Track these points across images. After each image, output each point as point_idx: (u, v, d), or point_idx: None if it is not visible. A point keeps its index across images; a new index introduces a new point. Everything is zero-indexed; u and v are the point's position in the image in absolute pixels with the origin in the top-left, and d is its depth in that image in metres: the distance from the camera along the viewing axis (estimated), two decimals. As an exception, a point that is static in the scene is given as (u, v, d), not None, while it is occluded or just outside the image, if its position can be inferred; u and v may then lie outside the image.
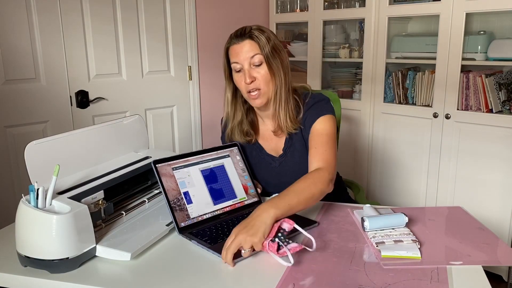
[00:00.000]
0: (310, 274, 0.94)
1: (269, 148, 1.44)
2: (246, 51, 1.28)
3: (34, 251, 0.95)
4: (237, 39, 1.30)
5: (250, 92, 1.31)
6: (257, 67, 1.29)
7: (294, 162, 1.40)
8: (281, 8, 3.05)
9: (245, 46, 1.28)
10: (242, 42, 1.29)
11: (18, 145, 2.10)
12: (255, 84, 1.29)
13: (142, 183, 1.35)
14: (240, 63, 1.29)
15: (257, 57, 1.28)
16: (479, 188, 2.25)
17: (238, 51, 1.29)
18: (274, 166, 1.43)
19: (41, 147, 1.06)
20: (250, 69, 1.29)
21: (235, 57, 1.30)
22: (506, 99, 2.23)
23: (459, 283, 0.90)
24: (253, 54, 1.28)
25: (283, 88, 1.32)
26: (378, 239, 1.07)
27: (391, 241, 1.05)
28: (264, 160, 1.44)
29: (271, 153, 1.44)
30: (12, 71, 2.05)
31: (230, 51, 1.31)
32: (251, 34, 1.29)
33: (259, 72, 1.29)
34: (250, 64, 1.29)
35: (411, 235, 1.08)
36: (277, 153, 1.43)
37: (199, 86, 2.81)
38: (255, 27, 1.31)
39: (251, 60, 1.28)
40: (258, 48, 1.28)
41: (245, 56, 1.28)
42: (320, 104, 1.38)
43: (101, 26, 2.32)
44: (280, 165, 1.42)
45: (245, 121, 1.43)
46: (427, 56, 2.38)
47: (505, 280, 2.23)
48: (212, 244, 1.06)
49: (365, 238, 1.11)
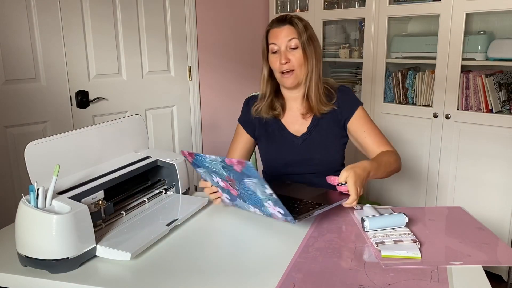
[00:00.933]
0: (310, 274, 0.94)
1: (293, 129, 1.51)
2: (285, 34, 1.41)
3: (34, 251, 0.95)
4: (278, 24, 1.43)
5: (283, 73, 1.43)
6: (293, 50, 1.41)
7: (319, 140, 1.48)
8: (281, 8, 3.05)
9: (284, 30, 1.41)
10: (282, 26, 1.42)
11: (18, 145, 2.10)
12: (289, 65, 1.41)
13: (142, 183, 1.35)
14: (277, 44, 1.42)
15: (294, 41, 1.40)
16: (479, 188, 2.25)
17: (278, 34, 1.42)
18: (297, 143, 1.50)
19: (41, 147, 1.06)
20: (286, 51, 1.41)
21: (274, 39, 1.42)
22: (506, 99, 2.23)
23: (459, 283, 0.90)
24: (291, 38, 1.40)
25: (314, 73, 1.44)
26: (378, 239, 1.07)
27: (391, 241, 1.05)
28: (287, 138, 1.51)
29: (293, 133, 1.51)
30: (12, 71, 2.05)
31: (270, 33, 1.44)
32: (291, 21, 1.42)
33: (294, 55, 1.41)
34: (286, 47, 1.41)
35: (411, 235, 1.08)
36: (300, 133, 1.51)
37: (199, 86, 2.81)
38: (295, 16, 1.44)
39: (288, 43, 1.41)
40: (295, 33, 1.41)
41: (283, 39, 1.41)
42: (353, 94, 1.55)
43: (101, 26, 2.32)
44: (303, 142, 1.49)
45: (274, 99, 1.53)
46: (427, 56, 2.38)
47: (505, 280, 2.23)
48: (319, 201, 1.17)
49: (365, 238, 1.11)
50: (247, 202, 1.16)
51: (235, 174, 1.07)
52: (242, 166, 1.02)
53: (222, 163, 1.07)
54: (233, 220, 1.24)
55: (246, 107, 1.59)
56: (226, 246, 1.09)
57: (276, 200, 1.06)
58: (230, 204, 1.25)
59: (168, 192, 1.38)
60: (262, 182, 1.03)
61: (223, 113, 2.97)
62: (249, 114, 1.56)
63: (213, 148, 2.95)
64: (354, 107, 1.48)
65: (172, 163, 1.34)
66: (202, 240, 1.13)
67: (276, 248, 1.07)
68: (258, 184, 1.04)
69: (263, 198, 1.09)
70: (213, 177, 1.17)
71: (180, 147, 2.79)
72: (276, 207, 1.08)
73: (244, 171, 1.03)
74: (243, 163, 1.01)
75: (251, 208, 1.18)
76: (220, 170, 1.11)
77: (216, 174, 1.15)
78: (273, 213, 1.12)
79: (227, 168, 1.07)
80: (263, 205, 1.12)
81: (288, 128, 1.51)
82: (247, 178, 1.05)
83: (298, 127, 1.51)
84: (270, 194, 1.05)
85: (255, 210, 1.17)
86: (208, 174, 1.18)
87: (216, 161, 1.08)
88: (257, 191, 1.08)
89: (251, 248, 1.08)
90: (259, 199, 1.10)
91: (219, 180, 1.16)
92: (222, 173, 1.11)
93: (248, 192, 1.11)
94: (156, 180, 1.40)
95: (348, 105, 1.49)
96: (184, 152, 1.16)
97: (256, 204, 1.14)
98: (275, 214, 1.12)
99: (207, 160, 1.10)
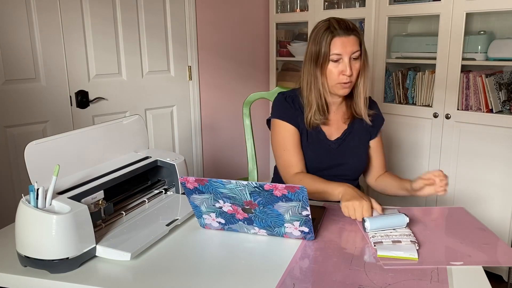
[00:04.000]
0: (310, 274, 0.94)
1: (328, 133, 1.51)
2: (351, 45, 1.36)
3: (34, 251, 0.95)
4: (344, 32, 1.36)
5: (342, 82, 1.38)
6: (354, 61, 1.38)
7: (352, 146, 1.50)
8: (281, 8, 3.05)
9: (351, 40, 1.36)
10: (348, 36, 1.36)
11: (18, 145, 2.10)
12: (351, 76, 1.38)
13: (142, 183, 1.35)
14: (342, 54, 1.36)
15: (358, 52, 1.38)
16: (479, 188, 2.25)
17: (345, 44, 1.36)
18: (332, 147, 1.50)
19: (41, 147, 1.06)
20: (350, 62, 1.37)
21: (340, 49, 1.36)
22: (506, 99, 2.22)
23: (459, 283, 0.90)
24: (357, 50, 1.37)
25: (368, 82, 1.46)
26: (377, 239, 1.07)
27: (389, 241, 1.05)
28: (323, 142, 1.49)
29: (329, 137, 1.50)
30: (12, 71, 2.05)
31: (335, 42, 1.36)
32: (355, 29, 1.38)
33: (354, 65, 1.39)
34: (350, 58, 1.37)
35: (411, 236, 1.07)
36: (334, 137, 1.51)
37: (199, 86, 2.81)
38: (353, 23, 1.40)
39: (352, 54, 1.37)
40: (359, 44, 1.38)
41: (349, 50, 1.36)
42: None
43: (101, 26, 2.32)
44: (338, 147, 1.50)
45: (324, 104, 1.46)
46: (427, 56, 2.38)
47: (505, 280, 2.23)
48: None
49: (365, 238, 1.11)
50: (254, 224, 1.11)
51: (267, 199, 1.03)
52: (293, 190, 0.99)
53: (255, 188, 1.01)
54: (233, 220, 1.24)
55: (286, 103, 1.48)
56: (226, 246, 1.09)
57: (308, 221, 1.05)
58: (217, 228, 1.17)
59: (168, 192, 1.38)
60: (305, 205, 1.01)
61: (223, 113, 2.97)
62: (291, 110, 1.47)
63: (213, 148, 2.95)
64: (381, 123, 1.57)
65: (172, 163, 1.34)
66: (202, 240, 1.12)
67: (276, 248, 1.07)
68: (297, 206, 1.02)
69: (290, 220, 1.07)
70: (216, 203, 1.09)
71: (180, 147, 2.79)
72: (302, 227, 1.07)
73: (290, 195, 1.00)
74: (298, 187, 0.98)
75: (252, 230, 1.14)
76: (240, 196, 1.05)
77: (227, 199, 1.07)
78: (288, 233, 1.11)
79: (258, 193, 1.03)
80: (282, 226, 1.09)
81: (325, 132, 1.50)
82: (284, 201, 1.02)
83: (334, 131, 1.51)
84: (307, 215, 1.04)
85: (260, 231, 1.13)
86: (212, 200, 1.10)
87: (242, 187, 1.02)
88: (287, 213, 1.05)
89: (251, 248, 1.08)
90: (282, 220, 1.07)
91: (225, 205, 1.10)
92: (240, 199, 1.06)
93: (270, 215, 1.07)
94: (156, 180, 1.40)
95: (379, 120, 1.56)
96: (188, 179, 1.06)
97: (269, 226, 1.10)
98: (292, 233, 1.10)
99: (227, 186, 1.03)
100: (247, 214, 1.09)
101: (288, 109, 1.47)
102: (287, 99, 1.49)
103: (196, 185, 1.06)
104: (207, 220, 1.15)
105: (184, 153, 2.77)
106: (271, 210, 1.06)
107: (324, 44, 1.36)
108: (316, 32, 1.40)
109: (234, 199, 1.06)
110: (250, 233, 1.15)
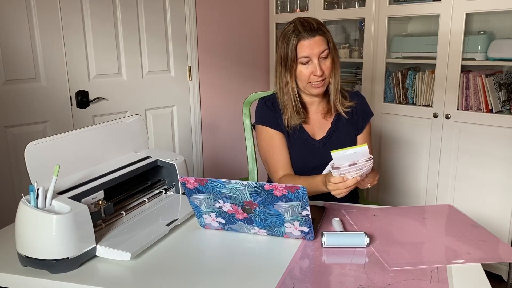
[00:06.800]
0: (310, 274, 0.94)
1: (312, 132, 1.50)
2: (317, 46, 1.37)
3: (34, 251, 0.95)
4: (308, 34, 1.36)
5: (313, 82, 1.40)
6: (324, 60, 1.39)
7: (338, 143, 1.48)
8: (281, 8, 3.05)
9: (316, 41, 1.37)
10: (313, 38, 1.37)
11: (18, 145, 2.10)
12: (323, 75, 1.40)
13: (142, 183, 1.35)
14: (310, 56, 1.37)
15: (326, 51, 1.38)
16: (479, 188, 2.25)
17: (311, 46, 1.37)
18: (317, 147, 1.49)
19: (41, 147, 1.06)
20: (319, 62, 1.38)
21: (306, 51, 1.37)
22: (506, 99, 2.23)
23: (459, 283, 0.90)
24: (324, 49, 1.38)
25: (339, 76, 1.46)
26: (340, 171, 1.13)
27: (346, 166, 1.11)
28: (307, 142, 1.49)
29: (313, 136, 1.50)
30: (12, 71, 2.05)
31: (300, 46, 1.37)
32: (320, 29, 1.38)
33: (325, 64, 1.39)
34: (319, 58, 1.38)
35: (371, 159, 1.11)
36: (319, 136, 1.50)
37: (199, 86, 2.81)
38: (317, 22, 1.40)
39: (320, 54, 1.37)
40: (326, 43, 1.38)
41: (317, 51, 1.37)
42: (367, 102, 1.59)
43: (101, 26, 2.32)
44: (323, 146, 1.49)
45: (299, 105, 1.48)
46: (427, 56, 2.38)
47: (505, 280, 2.23)
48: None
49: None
50: (254, 224, 1.11)
51: (267, 199, 1.03)
52: (293, 190, 0.99)
53: (255, 188, 1.02)
54: (233, 220, 1.24)
55: (266, 108, 1.50)
56: (226, 246, 1.09)
57: (308, 221, 1.06)
58: (217, 228, 1.17)
59: (168, 192, 1.38)
60: (305, 204, 1.01)
61: (223, 113, 2.97)
62: (273, 114, 1.49)
63: (213, 148, 2.95)
64: (368, 118, 1.55)
65: (172, 163, 1.34)
66: (202, 240, 1.13)
67: (276, 248, 1.07)
68: (297, 206, 1.02)
69: (290, 220, 1.07)
70: (217, 202, 1.10)
71: (180, 147, 2.79)
72: (302, 227, 1.08)
73: (290, 195, 1.00)
74: (298, 187, 0.98)
75: (252, 230, 1.14)
76: (240, 196, 1.05)
77: (227, 199, 1.08)
78: (288, 233, 1.11)
79: (258, 193, 1.03)
80: (282, 226, 1.09)
81: (308, 131, 1.49)
82: (284, 201, 1.02)
83: (317, 130, 1.51)
84: (307, 215, 1.04)
85: (260, 231, 1.13)
86: (211, 200, 1.10)
87: (242, 187, 1.02)
88: (287, 213, 1.05)
89: (251, 248, 1.08)
90: (282, 220, 1.08)
91: (225, 205, 1.10)
92: (240, 199, 1.06)
93: (270, 215, 1.07)
94: (156, 180, 1.40)
95: (366, 114, 1.54)
96: (188, 178, 1.06)
97: (269, 226, 1.10)
98: (292, 233, 1.10)
99: (227, 186, 1.04)
100: (247, 214, 1.09)
101: (269, 113, 1.49)
102: (267, 103, 1.51)
103: (196, 185, 1.07)
104: (207, 220, 1.16)
105: (184, 153, 2.77)
106: (271, 210, 1.06)
107: (291, 48, 1.38)
108: (283, 36, 1.41)
109: (234, 199, 1.06)
110: (250, 233, 1.15)
